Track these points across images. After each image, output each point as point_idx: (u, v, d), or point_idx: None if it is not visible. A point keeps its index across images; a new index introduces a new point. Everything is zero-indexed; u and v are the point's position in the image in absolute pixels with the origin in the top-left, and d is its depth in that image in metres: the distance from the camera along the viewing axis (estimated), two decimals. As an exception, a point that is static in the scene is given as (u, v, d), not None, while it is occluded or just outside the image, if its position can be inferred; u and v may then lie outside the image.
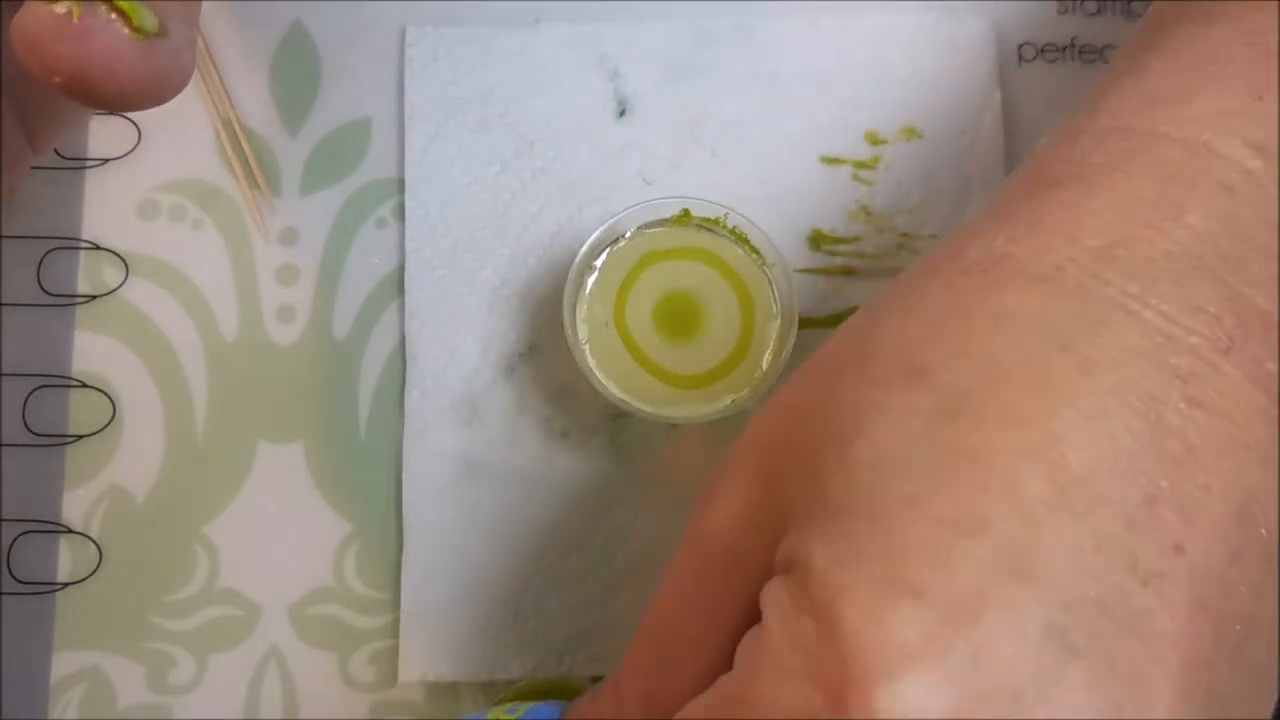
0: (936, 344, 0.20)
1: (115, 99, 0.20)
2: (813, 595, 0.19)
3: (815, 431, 0.21)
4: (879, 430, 0.20)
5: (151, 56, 0.19)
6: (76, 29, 0.18)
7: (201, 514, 0.35)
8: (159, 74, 0.20)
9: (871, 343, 0.22)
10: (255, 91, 0.37)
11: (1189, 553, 0.18)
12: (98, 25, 0.19)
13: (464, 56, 0.37)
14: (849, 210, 0.37)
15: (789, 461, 0.22)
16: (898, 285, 0.23)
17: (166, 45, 0.20)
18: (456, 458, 0.35)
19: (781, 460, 0.22)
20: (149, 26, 0.19)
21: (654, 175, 0.37)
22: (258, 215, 0.37)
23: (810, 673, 0.18)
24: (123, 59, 0.19)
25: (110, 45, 0.19)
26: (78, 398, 0.35)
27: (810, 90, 0.37)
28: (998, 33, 0.38)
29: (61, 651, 0.34)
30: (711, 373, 0.33)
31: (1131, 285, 0.20)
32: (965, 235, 0.23)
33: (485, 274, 0.36)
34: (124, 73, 0.19)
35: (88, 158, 0.37)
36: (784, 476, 0.22)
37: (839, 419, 0.21)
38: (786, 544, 0.21)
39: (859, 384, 0.21)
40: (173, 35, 0.20)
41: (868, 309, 0.24)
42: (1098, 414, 0.19)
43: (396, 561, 0.35)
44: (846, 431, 0.20)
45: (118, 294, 0.36)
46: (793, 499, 0.21)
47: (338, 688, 0.34)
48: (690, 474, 0.35)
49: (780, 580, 0.20)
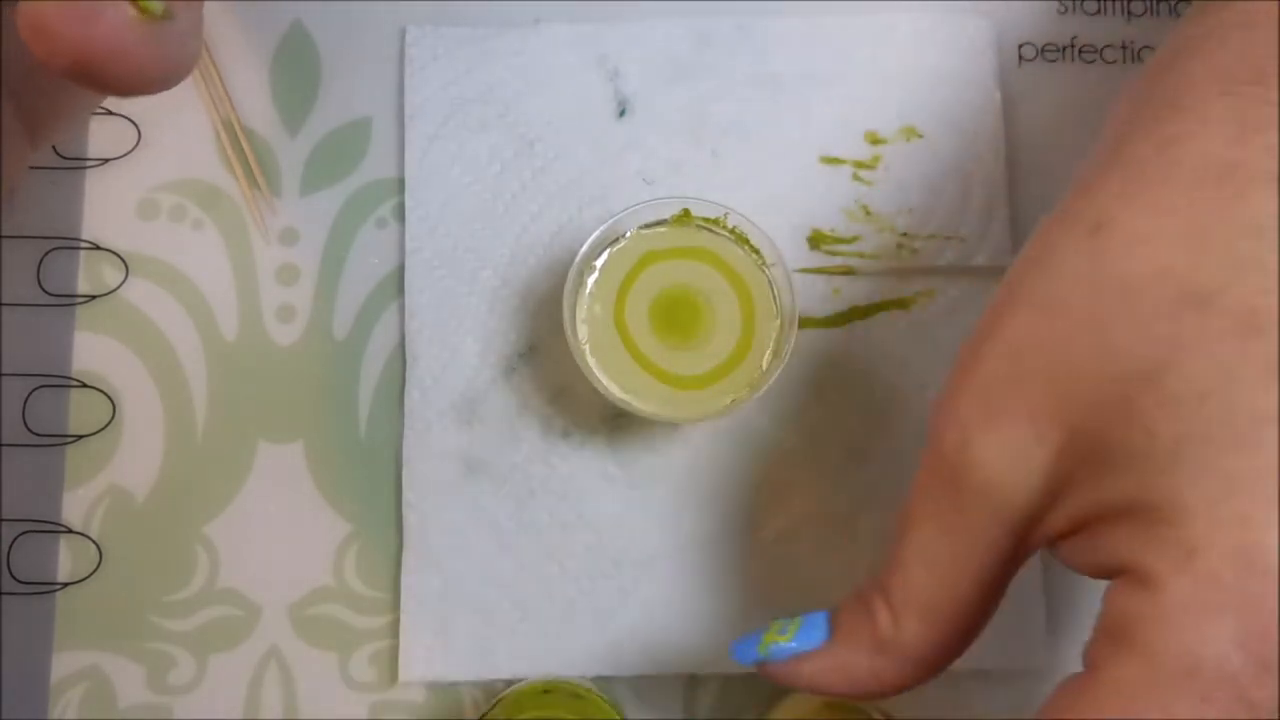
0: (1205, 266, 0.21)
1: (121, 83, 0.19)
2: (1205, 533, 0.19)
3: (1102, 375, 0.21)
4: (1188, 362, 0.20)
5: (158, 40, 0.19)
6: (83, 12, 0.18)
7: (201, 514, 0.35)
8: (165, 58, 0.20)
9: (1126, 275, 0.22)
10: (255, 91, 0.37)
11: None
12: (104, 8, 0.19)
13: (464, 56, 0.37)
14: (849, 210, 0.37)
15: (1070, 408, 0.22)
16: (1100, 193, 0.23)
17: (173, 29, 0.20)
18: (456, 458, 0.35)
19: (1060, 407, 0.22)
20: (155, 10, 0.19)
21: (654, 175, 0.37)
22: (258, 215, 0.37)
23: (1239, 607, 0.19)
24: (129, 42, 0.19)
25: (117, 28, 0.19)
26: (78, 398, 0.35)
27: (810, 90, 0.37)
28: (998, 33, 0.38)
29: (61, 651, 0.34)
30: (712, 373, 0.33)
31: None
32: (1140, 137, 0.23)
33: (485, 274, 0.36)
34: (130, 56, 0.19)
35: (88, 158, 0.37)
36: (1065, 421, 0.22)
37: (1131, 359, 0.21)
38: (1109, 489, 0.21)
39: (1136, 323, 0.21)
40: (179, 19, 0.20)
41: (1073, 220, 0.23)
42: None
43: (396, 561, 0.35)
44: (1148, 370, 0.21)
45: (118, 294, 0.36)
46: (1088, 444, 0.22)
47: (338, 688, 0.34)
48: (690, 474, 0.35)
49: (1145, 528, 0.20)
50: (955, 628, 0.24)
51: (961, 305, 0.36)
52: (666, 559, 0.35)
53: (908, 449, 0.35)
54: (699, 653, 0.34)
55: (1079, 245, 0.22)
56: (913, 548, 0.24)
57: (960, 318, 0.36)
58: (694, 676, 0.35)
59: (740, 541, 0.35)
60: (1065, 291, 0.22)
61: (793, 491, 0.35)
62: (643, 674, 0.34)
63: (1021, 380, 0.23)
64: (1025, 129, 0.37)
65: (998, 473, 0.23)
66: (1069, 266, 0.22)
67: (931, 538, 0.24)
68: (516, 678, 0.34)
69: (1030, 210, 0.37)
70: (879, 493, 0.35)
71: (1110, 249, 0.22)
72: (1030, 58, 0.38)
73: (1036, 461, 0.22)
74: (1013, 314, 0.23)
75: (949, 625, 0.24)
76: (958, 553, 0.24)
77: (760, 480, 0.35)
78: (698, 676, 0.35)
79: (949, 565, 0.24)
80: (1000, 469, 0.23)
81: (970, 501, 0.23)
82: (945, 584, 0.24)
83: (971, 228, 0.37)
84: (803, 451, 0.35)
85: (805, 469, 0.35)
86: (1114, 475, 0.21)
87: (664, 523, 0.35)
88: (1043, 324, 0.23)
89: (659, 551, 0.35)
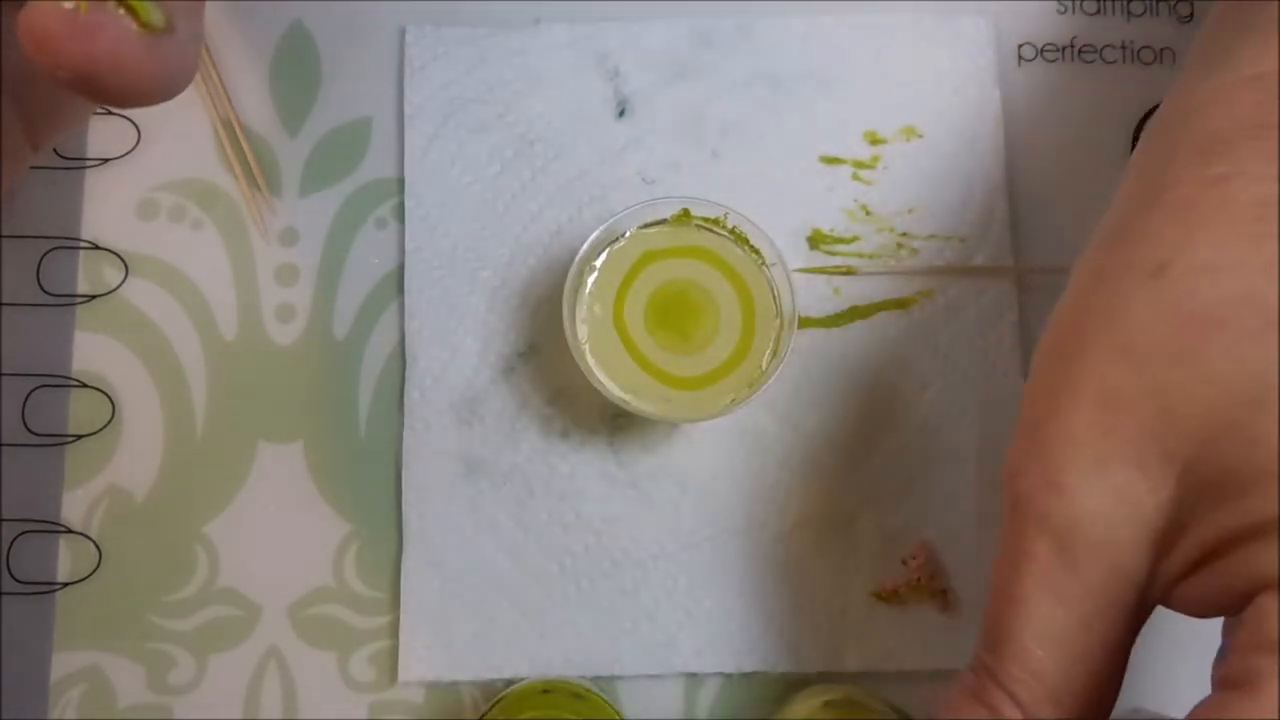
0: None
1: (123, 95, 0.20)
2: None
3: (1206, 406, 0.22)
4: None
5: (159, 52, 0.19)
6: (85, 25, 0.18)
7: (201, 514, 0.35)
8: (166, 69, 0.20)
9: (1205, 307, 0.22)
10: (255, 91, 0.37)
11: None
12: (106, 21, 0.19)
13: (464, 56, 0.37)
14: (849, 210, 0.37)
15: (1179, 445, 0.22)
16: (1160, 240, 0.23)
17: (173, 40, 0.20)
18: (456, 458, 0.35)
19: (1168, 447, 0.22)
20: (156, 22, 0.19)
21: (654, 175, 0.37)
22: (258, 215, 0.37)
23: None
24: (131, 54, 0.19)
25: (119, 41, 0.19)
26: (78, 398, 0.35)
27: (810, 90, 0.37)
28: (998, 33, 0.38)
29: (61, 651, 0.34)
30: (711, 373, 0.33)
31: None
32: (1180, 181, 0.24)
33: (485, 274, 0.36)
34: (132, 68, 0.19)
35: (88, 158, 0.37)
36: (1176, 459, 0.22)
37: (1232, 385, 0.21)
38: (1236, 514, 0.21)
39: (1229, 350, 0.22)
40: (179, 30, 0.20)
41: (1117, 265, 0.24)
42: None
43: (396, 561, 0.35)
44: (1254, 391, 0.21)
45: (117, 294, 0.36)
46: (1205, 475, 0.22)
47: (338, 688, 0.34)
48: (690, 474, 0.35)
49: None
50: (1092, 707, 0.23)
51: (961, 305, 0.36)
52: (666, 559, 0.35)
53: (908, 449, 0.35)
54: (699, 653, 0.34)
55: (1145, 288, 0.23)
56: (1030, 629, 0.23)
57: (960, 318, 0.36)
58: (694, 676, 0.34)
59: (740, 541, 0.35)
60: (1144, 334, 0.23)
61: (792, 491, 0.35)
62: (643, 674, 0.34)
63: (1119, 429, 0.22)
64: (1025, 129, 0.37)
65: (1112, 526, 0.22)
66: (1141, 310, 0.23)
67: (1050, 613, 0.23)
68: (516, 678, 0.34)
69: (1030, 210, 0.37)
70: (879, 493, 0.35)
71: (1181, 286, 0.22)
72: (1030, 58, 0.38)
73: (1149, 507, 0.22)
74: (1090, 364, 0.23)
75: (1086, 706, 0.23)
76: (1083, 623, 0.23)
77: (760, 480, 0.35)
78: (698, 676, 0.34)
79: (1076, 639, 0.23)
80: (1115, 522, 0.22)
81: (1087, 563, 0.22)
82: (1076, 661, 0.23)
83: (971, 228, 0.36)
84: (803, 451, 0.35)
85: (805, 469, 0.35)
86: (1239, 498, 0.21)
87: (664, 523, 0.35)
88: (1128, 369, 0.23)
89: (659, 551, 0.35)
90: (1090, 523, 0.22)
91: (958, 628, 0.34)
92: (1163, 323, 0.22)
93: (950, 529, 0.35)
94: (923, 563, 0.34)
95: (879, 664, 0.34)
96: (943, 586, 0.34)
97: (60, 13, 0.18)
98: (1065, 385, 0.23)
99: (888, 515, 0.35)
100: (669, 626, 0.34)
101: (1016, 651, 0.23)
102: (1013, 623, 0.23)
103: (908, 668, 0.34)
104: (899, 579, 0.35)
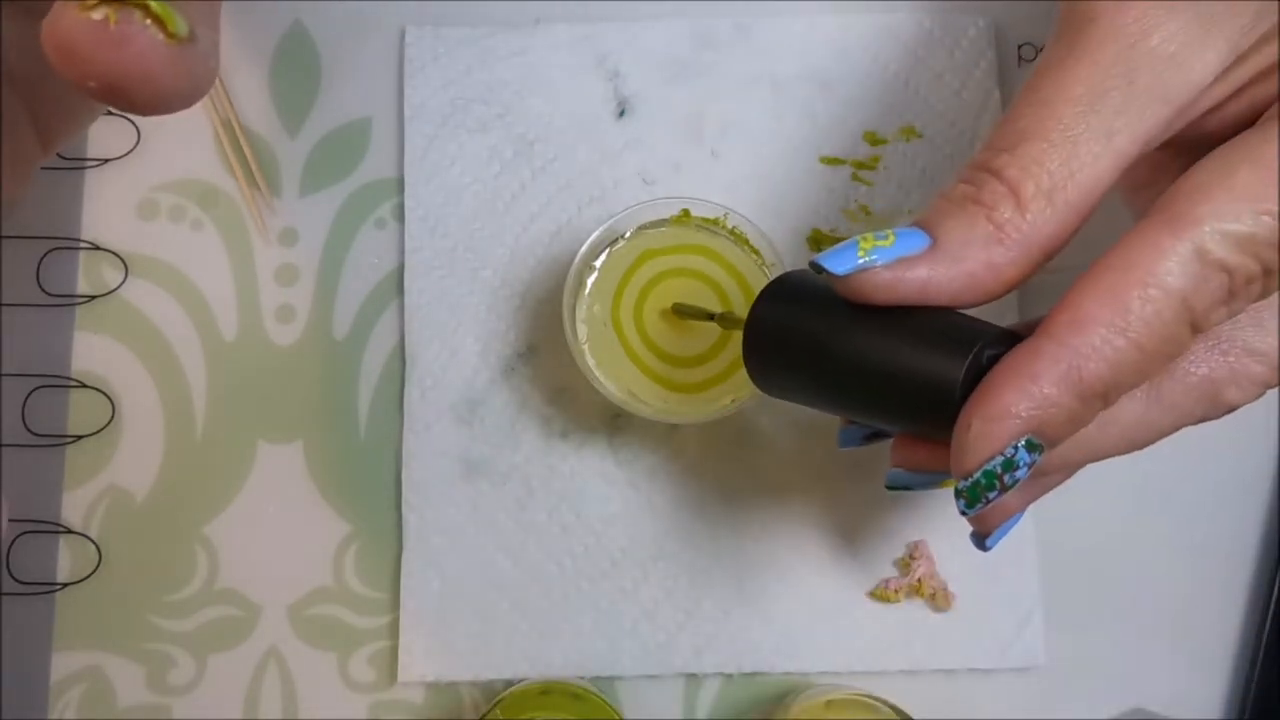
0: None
1: (150, 103, 0.20)
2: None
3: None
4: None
5: (184, 61, 0.20)
6: (114, 36, 0.18)
7: (201, 514, 0.35)
8: (190, 77, 0.20)
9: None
10: (255, 91, 0.37)
11: None
12: (135, 32, 0.19)
13: (464, 56, 0.37)
14: (849, 210, 0.37)
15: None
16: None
17: (195, 50, 0.20)
18: (456, 458, 0.35)
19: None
20: (181, 31, 0.19)
21: (654, 175, 0.37)
22: (257, 215, 0.37)
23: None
24: (158, 64, 0.19)
25: (147, 51, 0.19)
26: (77, 398, 0.35)
27: (810, 90, 0.37)
28: (998, 33, 0.38)
29: (61, 651, 0.34)
30: (711, 373, 0.33)
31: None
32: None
33: (485, 274, 0.36)
34: (160, 78, 0.19)
35: (88, 158, 0.37)
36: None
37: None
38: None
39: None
40: (200, 39, 0.20)
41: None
42: None
43: (396, 561, 0.35)
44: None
45: (117, 294, 0.36)
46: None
47: (337, 688, 0.34)
48: (690, 474, 0.35)
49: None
50: (1081, 212, 0.23)
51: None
52: (666, 559, 0.35)
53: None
54: (699, 653, 0.34)
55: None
56: (1059, 128, 0.23)
57: (960, 318, 0.36)
58: (694, 676, 0.35)
59: (739, 541, 0.35)
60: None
61: (792, 491, 0.35)
62: (642, 674, 0.34)
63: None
64: (1025, 129, 0.37)
65: (1183, 44, 0.23)
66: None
67: (1087, 114, 0.23)
68: (516, 678, 0.34)
69: (1030, 210, 0.37)
70: (879, 493, 0.35)
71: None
72: (1030, 58, 0.38)
73: (1221, 39, 0.23)
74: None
75: (1077, 209, 0.23)
76: (1120, 127, 0.23)
77: (760, 480, 0.35)
78: (697, 676, 0.35)
79: (1100, 142, 0.23)
80: (1187, 39, 0.23)
81: (1147, 71, 0.23)
82: (1088, 163, 0.23)
83: (971, 228, 0.36)
84: (803, 451, 0.35)
85: (805, 469, 0.35)
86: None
87: (664, 523, 0.35)
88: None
89: (659, 551, 0.35)
90: (1168, 39, 0.23)
91: (955, 627, 0.34)
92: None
93: (948, 530, 0.35)
94: (921, 563, 0.35)
95: (878, 664, 0.34)
96: (941, 587, 0.34)
97: (88, 24, 0.18)
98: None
99: (886, 516, 0.35)
100: (669, 626, 0.34)
101: (1035, 150, 0.23)
102: (1038, 121, 0.23)
103: (907, 667, 0.34)
104: (897, 579, 0.35)
